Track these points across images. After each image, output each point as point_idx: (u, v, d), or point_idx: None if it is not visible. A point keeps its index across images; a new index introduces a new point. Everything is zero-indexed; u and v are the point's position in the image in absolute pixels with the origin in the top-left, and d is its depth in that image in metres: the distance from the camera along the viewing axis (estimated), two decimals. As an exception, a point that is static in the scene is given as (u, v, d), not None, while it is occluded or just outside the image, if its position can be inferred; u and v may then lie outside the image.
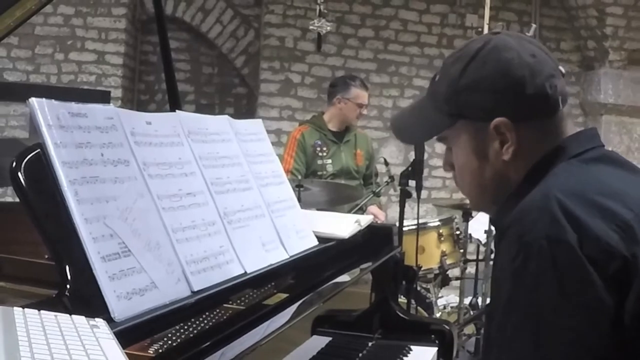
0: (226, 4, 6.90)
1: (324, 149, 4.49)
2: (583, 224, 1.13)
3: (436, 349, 2.20)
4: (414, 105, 1.51)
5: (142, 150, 1.45)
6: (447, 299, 4.80)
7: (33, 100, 1.26)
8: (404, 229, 3.44)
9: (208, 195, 1.60)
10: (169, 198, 1.46)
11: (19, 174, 1.20)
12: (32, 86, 5.72)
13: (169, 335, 1.24)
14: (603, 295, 1.10)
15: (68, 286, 1.18)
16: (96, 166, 1.31)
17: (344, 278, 1.96)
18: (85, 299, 1.18)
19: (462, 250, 4.35)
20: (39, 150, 1.24)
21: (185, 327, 1.28)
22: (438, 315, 4.25)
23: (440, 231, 4.23)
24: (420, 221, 3.73)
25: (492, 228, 4.26)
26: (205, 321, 1.34)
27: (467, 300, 4.56)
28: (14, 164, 1.21)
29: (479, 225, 4.40)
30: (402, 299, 2.72)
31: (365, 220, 2.20)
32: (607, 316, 1.10)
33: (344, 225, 2.11)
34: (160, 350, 1.17)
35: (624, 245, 1.12)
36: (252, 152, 1.87)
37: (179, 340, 1.22)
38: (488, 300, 4.76)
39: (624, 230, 1.14)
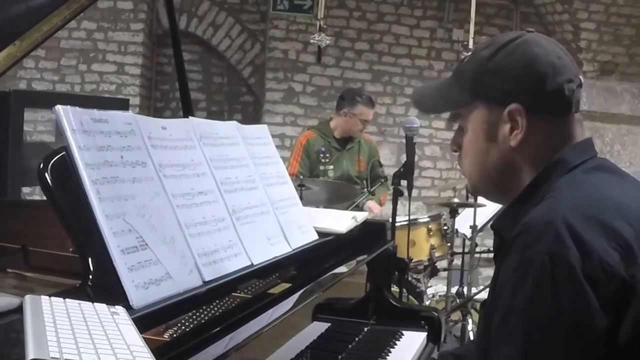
0: (234, 20, 6.90)
1: (327, 155, 4.44)
2: (586, 243, 1.07)
3: (426, 333, 2.19)
4: (439, 80, 1.46)
5: (158, 152, 1.44)
6: (435, 289, 4.80)
7: (59, 108, 1.26)
8: (397, 224, 3.42)
9: (218, 194, 1.59)
10: (182, 196, 1.46)
11: (46, 174, 1.20)
12: (58, 94, 5.68)
13: (183, 321, 1.24)
14: (597, 319, 1.05)
15: (90, 276, 1.19)
16: (116, 167, 1.31)
17: (342, 269, 1.96)
18: (106, 288, 1.18)
19: (449, 244, 4.36)
20: (64, 152, 1.24)
21: (197, 314, 1.28)
22: (427, 303, 4.25)
23: (430, 226, 4.23)
24: (411, 217, 3.72)
25: (478, 224, 4.26)
26: (216, 308, 1.34)
27: (454, 290, 4.57)
28: (42, 165, 1.21)
29: (465, 221, 4.41)
30: (394, 289, 2.71)
31: (361, 216, 2.19)
32: (598, 340, 1.05)
33: (341, 221, 2.10)
34: (175, 335, 1.17)
35: (624, 265, 1.07)
36: (258, 154, 1.87)
37: (191, 326, 1.22)
38: (473, 290, 4.76)
39: (624, 249, 1.09)
